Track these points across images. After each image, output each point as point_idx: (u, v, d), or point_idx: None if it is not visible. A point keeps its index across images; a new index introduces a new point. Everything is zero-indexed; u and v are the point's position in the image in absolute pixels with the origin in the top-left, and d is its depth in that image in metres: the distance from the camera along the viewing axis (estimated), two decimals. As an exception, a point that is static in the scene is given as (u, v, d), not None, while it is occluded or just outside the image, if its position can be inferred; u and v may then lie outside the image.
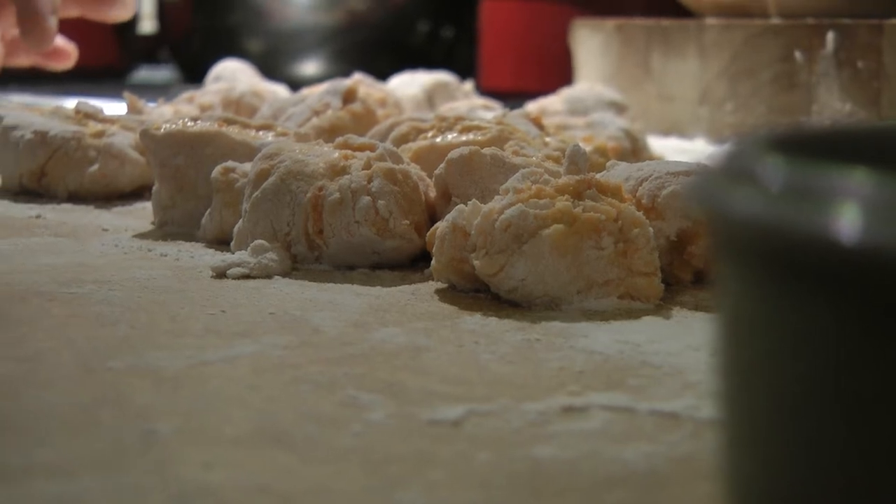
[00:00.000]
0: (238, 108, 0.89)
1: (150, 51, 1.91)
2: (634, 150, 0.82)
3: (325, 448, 0.32)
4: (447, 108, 0.88)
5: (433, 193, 0.57)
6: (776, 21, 1.03)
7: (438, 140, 0.64)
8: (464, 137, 0.64)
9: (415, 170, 0.57)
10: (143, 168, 0.73)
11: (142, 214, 0.69)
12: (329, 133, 0.74)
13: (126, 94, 0.85)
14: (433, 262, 0.50)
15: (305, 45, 1.57)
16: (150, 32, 1.93)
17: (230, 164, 0.60)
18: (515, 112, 0.73)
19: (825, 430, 0.19)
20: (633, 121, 0.90)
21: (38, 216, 0.67)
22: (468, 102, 0.91)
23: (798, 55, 0.97)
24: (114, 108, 0.85)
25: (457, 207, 0.50)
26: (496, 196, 0.49)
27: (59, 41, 0.96)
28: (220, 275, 0.52)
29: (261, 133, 0.66)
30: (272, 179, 0.55)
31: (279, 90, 0.98)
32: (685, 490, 0.30)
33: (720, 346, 0.22)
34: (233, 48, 1.42)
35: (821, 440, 0.19)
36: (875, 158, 0.25)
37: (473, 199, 0.50)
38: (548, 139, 0.67)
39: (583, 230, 0.47)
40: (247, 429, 0.33)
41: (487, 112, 0.84)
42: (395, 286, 0.51)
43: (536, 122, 0.71)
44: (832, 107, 0.93)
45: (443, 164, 0.56)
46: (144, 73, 1.84)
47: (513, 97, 1.12)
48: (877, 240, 0.18)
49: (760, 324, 0.20)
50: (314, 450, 0.32)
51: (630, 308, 0.47)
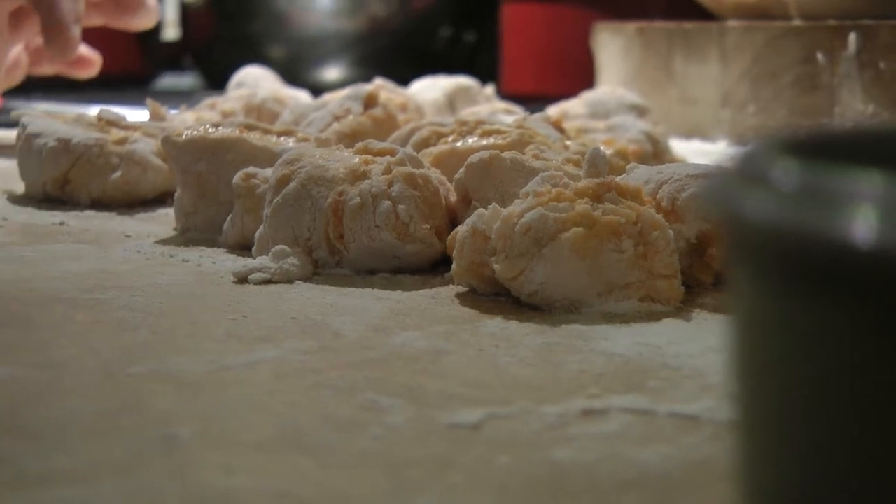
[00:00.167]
0: (260, 114, 0.90)
1: (174, 58, 1.91)
2: (656, 153, 0.82)
3: (345, 452, 0.32)
4: (468, 113, 0.88)
5: (453, 197, 0.57)
6: (798, 23, 1.02)
7: (459, 144, 0.64)
8: (484, 141, 0.64)
9: (435, 174, 0.58)
10: (166, 174, 0.74)
11: (164, 220, 0.69)
12: (350, 138, 0.74)
13: (148, 101, 0.85)
14: (453, 266, 0.50)
15: (327, 52, 1.57)
16: (173, 40, 1.93)
17: (251, 170, 0.60)
18: (536, 116, 0.73)
19: (838, 433, 0.19)
20: (655, 124, 0.90)
21: (62, 223, 0.68)
22: (489, 106, 0.91)
23: (820, 57, 0.97)
24: (137, 115, 0.86)
25: (477, 211, 0.50)
26: (516, 200, 0.50)
27: (83, 50, 0.97)
28: (242, 280, 0.52)
29: (282, 139, 0.66)
30: (293, 185, 0.55)
31: (301, 96, 0.98)
32: (704, 493, 0.30)
33: (734, 349, 0.22)
34: (255, 55, 1.42)
35: (834, 443, 0.19)
36: (893, 160, 0.25)
37: (493, 203, 0.50)
38: (568, 142, 0.67)
39: (603, 233, 0.47)
40: (267, 433, 0.33)
41: (508, 116, 0.84)
42: (416, 290, 0.51)
43: (557, 126, 0.71)
44: (854, 108, 0.93)
45: (463, 169, 0.56)
46: (168, 81, 1.85)
47: (535, 101, 1.12)
48: (891, 242, 0.18)
49: (774, 326, 0.20)
50: (334, 454, 0.32)
51: (650, 311, 0.47)
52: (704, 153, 0.99)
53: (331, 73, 1.57)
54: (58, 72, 1.01)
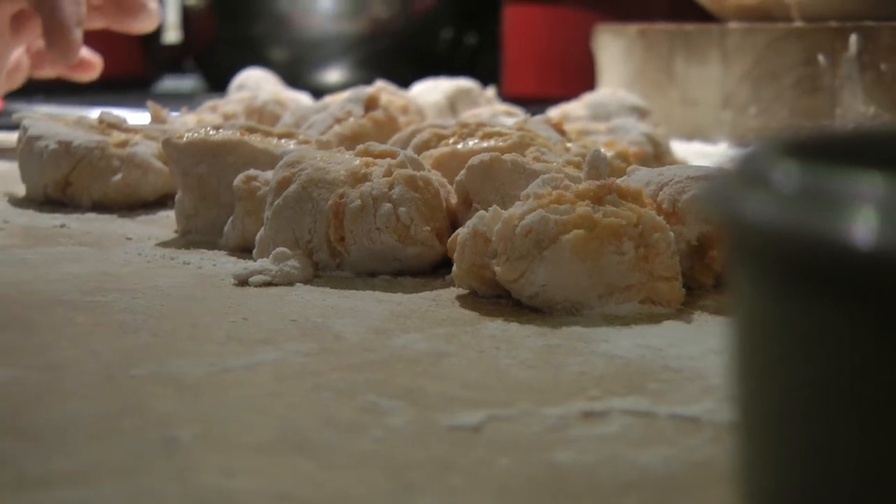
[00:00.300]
0: (261, 117, 0.90)
1: (175, 60, 1.91)
2: (657, 155, 0.82)
3: (346, 454, 0.32)
4: (469, 115, 0.88)
5: (454, 200, 0.57)
6: (799, 24, 1.02)
7: (459, 146, 0.64)
8: (485, 144, 0.64)
9: (436, 176, 0.58)
10: (167, 177, 0.74)
11: (165, 223, 0.69)
12: (351, 140, 0.74)
13: (150, 104, 0.85)
14: (454, 269, 0.50)
15: (328, 54, 1.57)
16: (175, 42, 1.93)
17: (252, 173, 0.60)
18: (537, 118, 0.73)
19: (838, 434, 0.19)
20: (656, 125, 0.90)
21: (63, 225, 0.68)
22: (490, 109, 0.91)
23: (821, 58, 0.97)
24: (138, 118, 0.86)
25: (477, 213, 0.50)
26: (517, 202, 0.50)
27: (85, 52, 0.97)
28: (243, 282, 0.52)
29: (283, 141, 0.66)
30: (294, 187, 0.55)
31: (302, 98, 0.98)
32: (705, 494, 0.30)
33: (735, 350, 0.22)
34: (256, 57, 1.42)
35: (834, 444, 0.19)
36: (894, 162, 0.25)
37: (494, 206, 0.50)
38: (569, 145, 0.67)
39: (603, 235, 0.47)
40: (268, 436, 0.33)
41: (509, 118, 0.84)
42: (417, 292, 0.51)
43: (558, 128, 0.71)
44: (856, 110, 0.93)
45: (464, 171, 0.56)
46: (169, 83, 1.85)
47: (536, 103, 1.12)
48: (891, 244, 0.18)
49: (774, 328, 0.20)
50: (334, 456, 0.32)
51: (651, 312, 0.47)
52: (705, 155, 0.99)
53: (332, 76, 1.57)
54: (59, 74, 1.01)
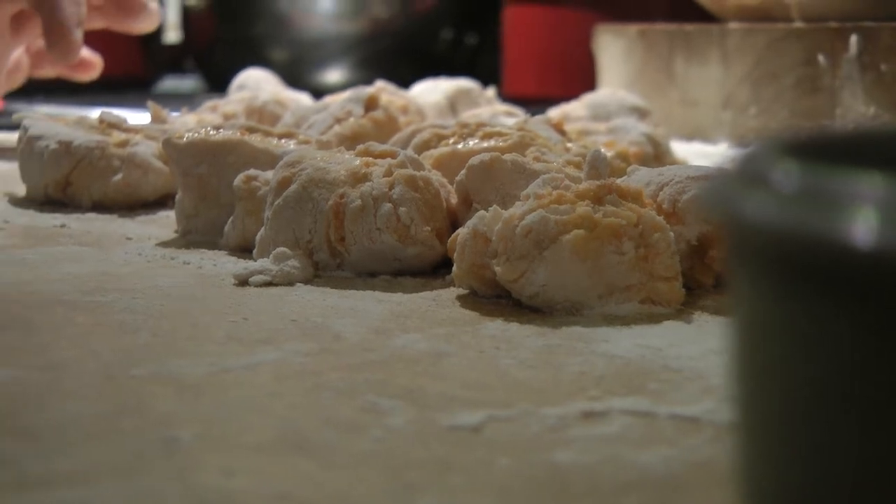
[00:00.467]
0: (261, 117, 0.90)
1: (175, 61, 1.91)
2: (657, 155, 0.82)
3: (346, 454, 0.32)
4: (469, 115, 0.88)
5: (454, 200, 0.57)
6: (799, 25, 1.02)
7: (460, 146, 0.64)
8: (485, 144, 0.64)
9: (436, 176, 0.58)
10: (167, 177, 0.74)
11: (165, 223, 0.69)
12: (351, 140, 0.74)
13: (150, 104, 0.85)
14: (454, 269, 0.50)
15: (329, 54, 1.57)
16: (175, 42, 1.93)
17: (252, 173, 0.60)
18: (537, 118, 0.73)
19: (838, 434, 0.19)
20: (656, 126, 0.90)
21: (63, 225, 0.68)
22: (490, 109, 0.91)
23: (821, 59, 0.97)
24: (139, 118, 0.86)
25: (478, 214, 0.50)
26: (517, 202, 0.50)
27: (85, 52, 0.97)
28: (243, 282, 0.52)
29: (283, 141, 0.66)
30: (294, 187, 0.55)
31: (302, 98, 0.98)
32: (705, 494, 0.30)
33: (735, 350, 0.22)
34: (256, 57, 1.42)
35: (834, 444, 0.19)
36: (894, 162, 0.25)
37: (494, 206, 0.50)
38: (569, 145, 0.67)
39: (603, 235, 0.47)
40: (268, 436, 0.33)
41: (509, 118, 0.84)
42: (417, 292, 0.51)
43: (558, 128, 0.71)
44: (856, 110, 0.93)
45: (464, 171, 0.56)
46: (169, 83, 1.85)
47: (536, 103, 1.12)
48: (891, 244, 0.18)
49: (774, 328, 0.20)
50: (334, 456, 0.32)
51: (651, 312, 0.47)
52: (705, 155, 0.99)
53: (332, 76, 1.57)
54: (59, 74, 1.01)
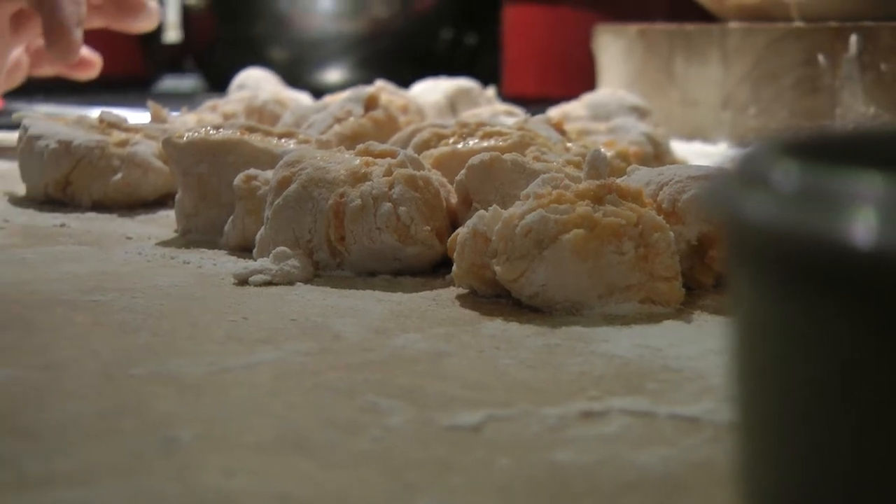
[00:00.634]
0: (261, 116, 0.90)
1: (175, 60, 1.91)
2: (657, 155, 0.82)
3: (345, 454, 0.32)
4: (469, 115, 0.88)
5: (454, 199, 0.57)
6: (799, 25, 1.02)
7: (460, 146, 0.64)
8: (485, 143, 0.64)
9: (436, 176, 0.58)
10: (167, 176, 0.74)
11: (165, 222, 0.69)
12: (351, 140, 0.74)
13: (150, 103, 0.85)
14: (454, 268, 0.50)
15: (329, 54, 1.57)
16: (175, 42, 1.93)
17: (252, 172, 0.60)
18: (537, 118, 0.73)
19: (838, 434, 0.19)
20: (656, 125, 0.90)
21: (63, 225, 0.68)
22: (490, 108, 0.91)
23: (821, 59, 0.97)
24: (139, 118, 0.86)
25: (477, 213, 0.50)
26: (517, 202, 0.50)
27: (84, 51, 0.97)
28: (243, 282, 0.52)
29: (283, 140, 0.66)
30: (294, 187, 0.55)
31: (302, 98, 0.98)
32: (704, 494, 0.30)
33: (734, 350, 0.22)
34: (256, 57, 1.42)
35: (833, 444, 0.19)
36: (894, 162, 0.25)
37: (494, 205, 0.50)
38: (569, 144, 0.67)
39: (603, 235, 0.47)
40: (268, 435, 0.33)
41: (509, 118, 0.84)
42: (417, 292, 0.51)
43: (558, 128, 0.71)
44: (856, 110, 0.93)
45: (464, 170, 0.56)
46: (169, 83, 1.85)
47: (536, 103, 1.12)
48: (891, 244, 0.18)
49: (774, 328, 0.20)
50: (334, 456, 0.32)
51: (651, 312, 0.47)
52: (705, 155, 0.99)
53: (332, 76, 1.57)
54: (58, 73, 1.01)
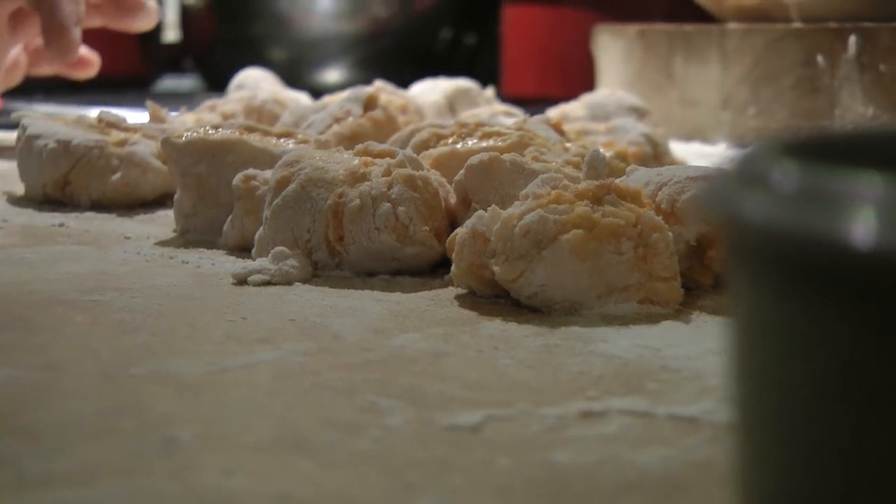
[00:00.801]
0: (260, 116, 0.90)
1: (174, 60, 1.91)
2: (656, 155, 0.82)
3: (345, 454, 0.32)
4: (468, 115, 0.88)
5: (453, 199, 0.57)
6: (798, 25, 1.03)
7: (459, 146, 0.64)
8: (484, 143, 0.64)
9: (435, 176, 0.58)
10: (165, 176, 0.74)
11: (164, 222, 0.69)
12: (350, 140, 0.74)
13: (149, 103, 0.85)
14: (453, 268, 0.50)
15: (328, 54, 1.57)
16: (174, 42, 1.93)
17: (251, 172, 0.60)
18: (536, 118, 0.73)
19: (837, 434, 0.19)
20: (655, 126, 0.90)
21: (62, 224, 0.68)
22: (490, 109, 0.91)
23: (820, 59, 0.97)
24: (137, 117, 0.86)
25: (476, 213, 0.50)
26: (516, 202, 0.50)
27: (83, 51, 0.97)
28: (241, 282, 0.52)
29: (282, 140, 0.66)
30: (293, 187, 0.55)
31: (301, 98, 0.98)
32: (704, 494, 0.30)
33: (734, 350, 0.22)
34: (255, 57, 1.42)
35: (833, 444, 0.19)
36: (893, 162, 0.25)
37: (493, 205, 0.50)
38: (568, 145, 0.67)
39: (602, 235, 0.47)
40: (267, 435, 0.33)
41: (508, 118, 0.84)
42: (415, 292, 0.51)
43: (557, 128, 0.71)
44: (855, 111, 0.93)
45: (463, 170, 0.56)
46: (168, 82, 1.85)
47: (535, 103, 1.12)
48: (890, 244, 0.18)
49: (773, 328, 0.20)
50: (334, 456, 0.32)
51: (650, 313, 0.47)
52: (704, 155, 0.99)
53: (331, 76, 1.57)
54: (57, 72, 1.01)
